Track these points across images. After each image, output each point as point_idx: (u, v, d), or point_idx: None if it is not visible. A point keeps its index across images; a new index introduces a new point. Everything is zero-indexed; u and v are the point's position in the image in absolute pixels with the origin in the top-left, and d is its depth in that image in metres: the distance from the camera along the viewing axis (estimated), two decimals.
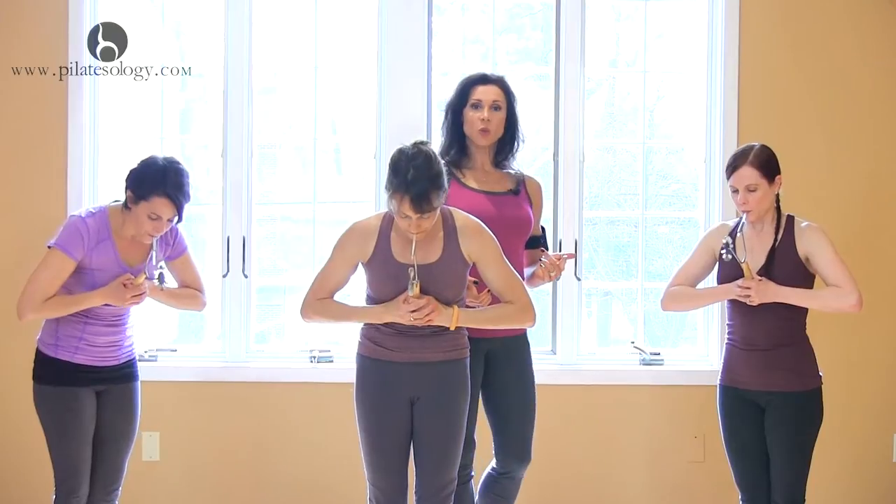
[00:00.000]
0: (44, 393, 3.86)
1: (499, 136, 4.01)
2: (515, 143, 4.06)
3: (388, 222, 3.68)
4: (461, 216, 3.72)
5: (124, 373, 3.96)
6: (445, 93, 5.33)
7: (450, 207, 3.72)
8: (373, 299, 3.72)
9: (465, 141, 4.02)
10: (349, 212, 5.33)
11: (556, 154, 5.12)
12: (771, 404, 3.90)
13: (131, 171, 3.85)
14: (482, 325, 3.74)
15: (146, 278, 3.82)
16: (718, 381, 4.04)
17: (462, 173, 3.99)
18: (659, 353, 5.15)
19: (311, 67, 5.21)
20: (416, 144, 3.60)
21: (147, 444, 5.01)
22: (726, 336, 4.05)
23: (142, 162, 3.87)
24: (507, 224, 3.91)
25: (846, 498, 5.14)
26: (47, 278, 3.77)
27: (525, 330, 4.01)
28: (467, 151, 4.02)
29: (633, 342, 5.19)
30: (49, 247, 3.80)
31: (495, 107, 3.98)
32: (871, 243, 5.11)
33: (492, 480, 4.06)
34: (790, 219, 3.95)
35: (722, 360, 4.05)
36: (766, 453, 3.93)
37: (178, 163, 3.87)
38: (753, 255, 3.92)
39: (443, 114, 4.10)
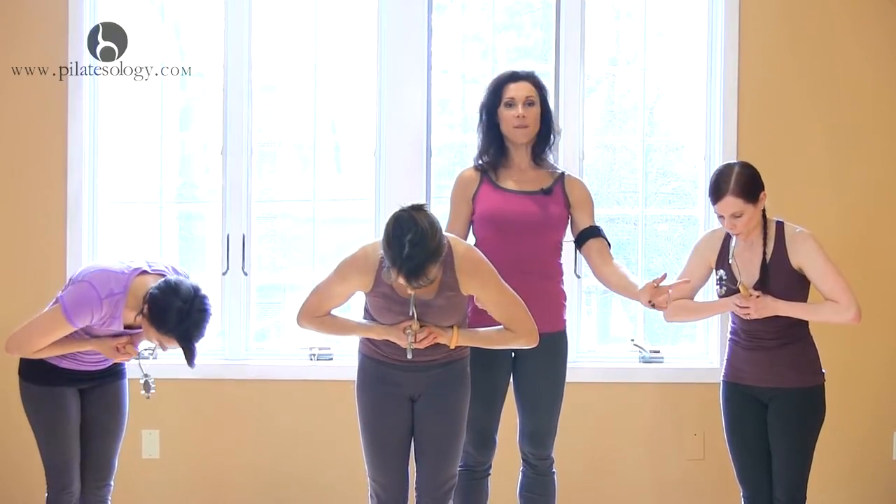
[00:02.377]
0: (30, 390, 3.87)
1: (536, 131, 4.00)
2: (552, 137, 4.06)
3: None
4: (460, 250, 3.63)
5: (110, 372, 3.97)
6: (445, 90, 5.37)
7: (449, 238, 3.61)
8: (372, 317, 3.71)
9: (504, 141, 4.01)
10: (349, 209, 5.34)
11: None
12: (774, 400, 3.89)
13: (154, 297, 3.61)
14: (482, 345, 3.74)
15: (138, 350, 3.84)
16: (721, 377, 4.04)
17: (496, 174, 4.00)
18: (659, 351, 5.15)
19: (310, 65, 5.22)
20: (411, 213, 3.40)
21: (146, 442, 5.03)
22: (729, 332, 4.04)
23: (167, 290, 3.61)
24: (532, 223, 3.92)
25: (846, 496, 5.13)
26: (44, 336, 3.72)
27: (563, 327, 4.02)
28: (506, 152, 4.01)
29: (632, 340, 5.19)
30: (58, 301, 3.71)
31: (529, 102, 3.97)
32: (872, 241, 5.09)
33: (523, 478, 4.08)
34: (780, 226, 3.90)
35: (725, 356, 4.05)
36: (768, 450, 3.92)
37: (202, 306, 3.64)
38: (748, 269, 3.89)
39: (477, 115, 4.07)
